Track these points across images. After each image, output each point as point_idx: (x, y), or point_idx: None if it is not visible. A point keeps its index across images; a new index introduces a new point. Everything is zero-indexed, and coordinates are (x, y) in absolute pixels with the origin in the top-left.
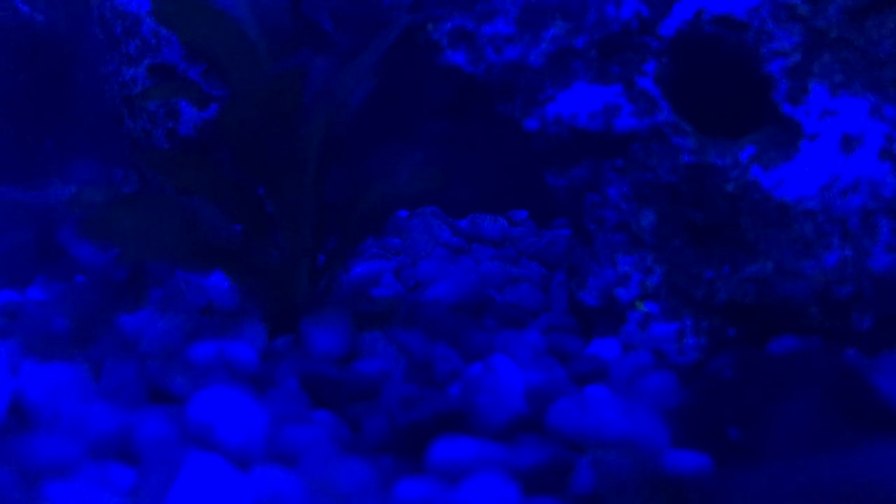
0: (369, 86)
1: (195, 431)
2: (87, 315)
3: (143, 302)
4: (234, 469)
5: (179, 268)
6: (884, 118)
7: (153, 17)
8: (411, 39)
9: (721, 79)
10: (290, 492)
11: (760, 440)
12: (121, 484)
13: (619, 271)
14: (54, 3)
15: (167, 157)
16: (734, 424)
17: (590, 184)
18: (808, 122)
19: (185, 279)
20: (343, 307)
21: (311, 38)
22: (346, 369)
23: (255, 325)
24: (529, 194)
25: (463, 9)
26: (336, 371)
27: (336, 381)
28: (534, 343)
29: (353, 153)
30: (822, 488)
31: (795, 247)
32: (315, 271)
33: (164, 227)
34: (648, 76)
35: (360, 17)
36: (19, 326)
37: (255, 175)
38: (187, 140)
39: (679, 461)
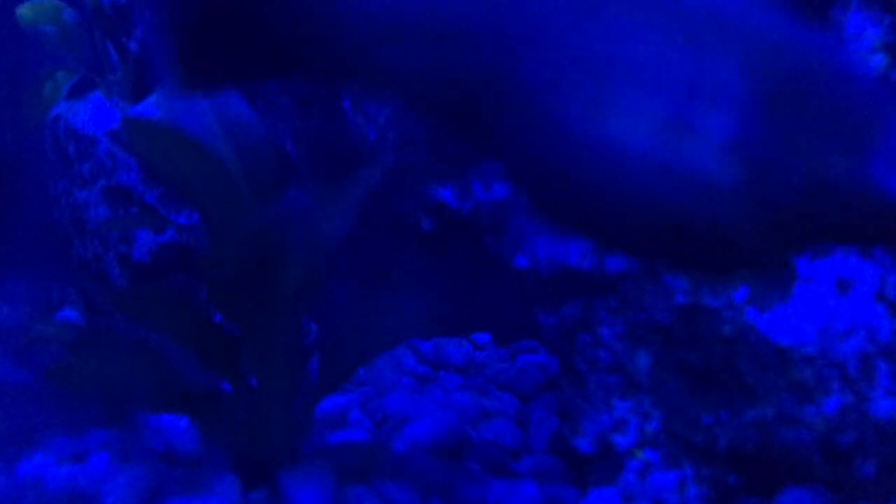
0: (351, 222)
1: None
2: None
3: None
4: None
5: (143, 412)
6: (875, 260)
7: (128, 150)
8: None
9: None
10: None
11: None
12: None
13: (615, 416)
14: (1, 121)
15: (135, 297)
16: None
17: (581, 323)
18: (800, 264)
19: (142, 419)
20: (322, 457)
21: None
22: None
23: (226, 477)
24: (490, 313)
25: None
26: None
27: None
28: (530, 497)
29: (332, 287)
30: None
31: (795, 392)
32: (291, 416)
33: (130, 370)
34: None
35: (325, 145)
36: None
37: (230, 314)
38: (141, 265)
39: None
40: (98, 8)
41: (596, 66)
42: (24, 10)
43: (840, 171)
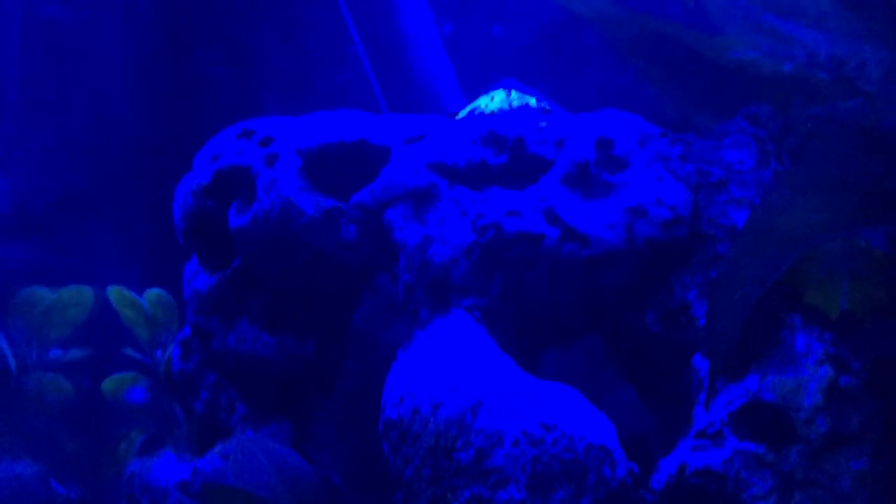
0: None
1: None
2: None
3: None
4: None
5: None
6: None
7: (196, 499)
8: None
9: None
10: None
11: None
12: None
13: None
14: (82, 477)
15: None
16: None
17: None
18: None
19: None
20: None
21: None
22: None
23: None
24: None
25: (476, 479)
26: None
27: None
28: None
29: None
30: None
31: None
32: None
33: None
34: None
35: (367, 466)
36: None
37: None
38: None
39: None
40: (167, 374)
41: None
42: (107, 384)
43: None
